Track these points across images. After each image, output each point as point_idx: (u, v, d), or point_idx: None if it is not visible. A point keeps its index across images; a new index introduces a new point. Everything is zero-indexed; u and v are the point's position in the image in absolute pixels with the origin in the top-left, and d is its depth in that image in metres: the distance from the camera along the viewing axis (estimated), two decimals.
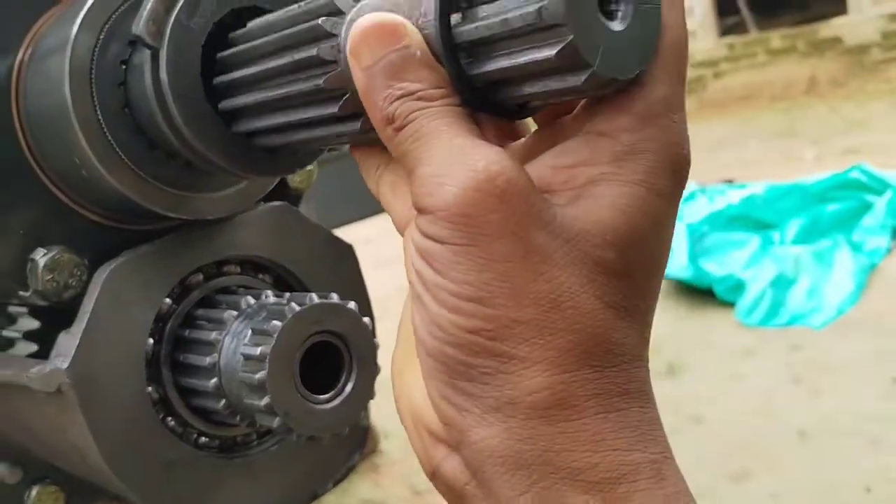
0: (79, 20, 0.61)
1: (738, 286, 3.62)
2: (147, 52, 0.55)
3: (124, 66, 0.60)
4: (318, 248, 0.73)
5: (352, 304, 0.64)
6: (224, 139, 0.55)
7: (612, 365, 0.33)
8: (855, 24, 9.49)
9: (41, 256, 0.65)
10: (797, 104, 8.52)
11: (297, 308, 0.61)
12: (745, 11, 10.71)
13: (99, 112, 0.60)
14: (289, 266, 0.72)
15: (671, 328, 3.43)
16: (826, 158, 5.93)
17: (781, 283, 3.61)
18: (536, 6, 0.33)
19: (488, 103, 0.38)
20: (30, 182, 0.66)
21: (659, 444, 0.34)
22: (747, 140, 7.09)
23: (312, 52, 0.43)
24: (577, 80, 0.34)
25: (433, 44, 0.36)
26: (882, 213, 3.94)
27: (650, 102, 0.34)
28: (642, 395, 0.34)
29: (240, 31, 0.53)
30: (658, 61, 0.35)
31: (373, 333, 0.65)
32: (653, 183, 0.34)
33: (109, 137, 0.60)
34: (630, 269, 0.34)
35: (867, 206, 4.05)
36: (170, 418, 0.69)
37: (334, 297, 0.63)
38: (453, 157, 0.33)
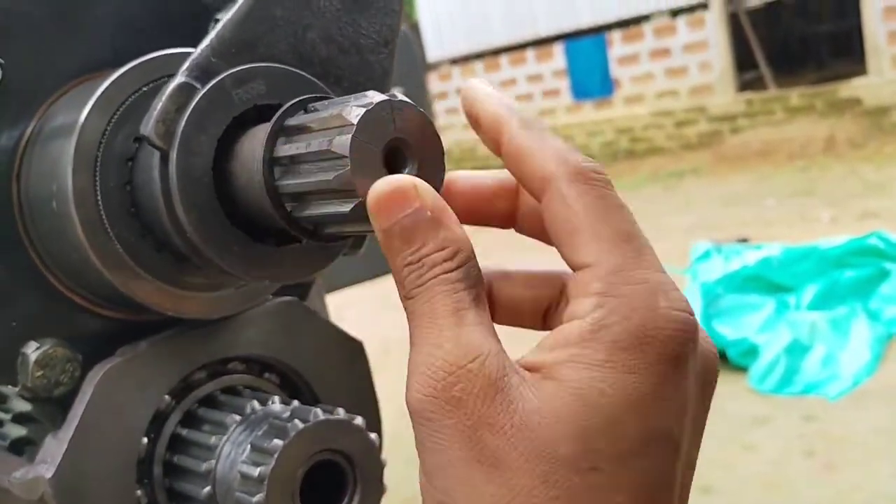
0: (89, 105, 0.58)
1: (752, 351, 3.57)
2: (156, 153, 0.52)
3: (130, 164, 0.57)
4: (327, 348, 0.69)
5: (359, 420, 0.59)
6: (236, 245, 0.52)
7: None
8: (875, 86, 9.50)
9: (33, 351, 0.61)
10: (815, 163, 8.49)
11: (301, 426, 0.56)
12: (763, 68, 10.75)
13: (102, 209, 0.56)
14: (295, 366, 0.68)
15: None
16: (843, 220, 5.89)
17: (796, 350, 3.55)
18: (333, 174, 0.42)
19: (317, 236, 0.49)
20: (24, 267, 0.63)
21: None
22: (764, 197, 7.05)
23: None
24: (369, 227, 0.41)
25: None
26: None
27: (603, 277, 0.33)
28: None
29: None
30: (590, 238, 0.35)
31: (380, 451, 0.61)
32: (617, 361, 0.32)
33: (112, 236, 0.57)
34: (596, 462, 0.31)
35: (885, 274, 4.00)
36: None
37: (340, 413, 0.59)
38: (428, 351, 0.34)
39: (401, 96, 0.47)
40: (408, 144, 0.46)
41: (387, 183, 0.38)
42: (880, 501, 2.63)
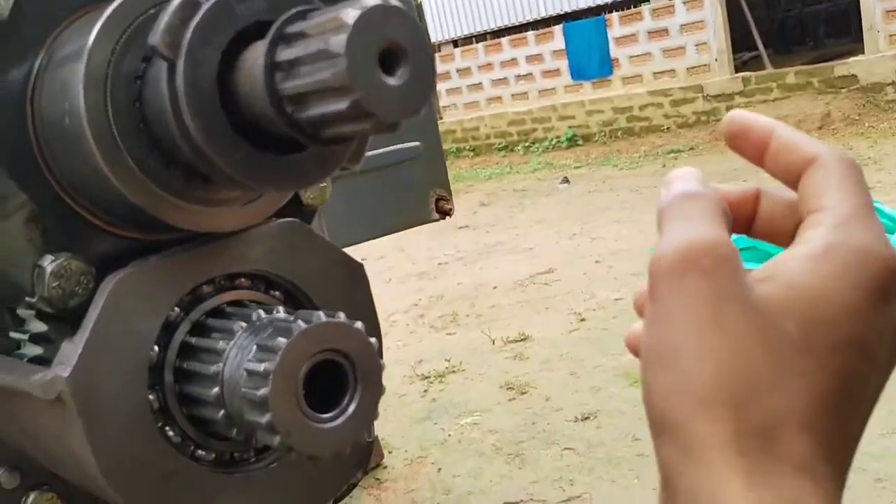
0: (97, 29, 0.61)
1: None
2: (163, 65, 0.55)
3: (139, 82, 0.60)
4: (329, 266, 0.73)
5: (359, 324, 0.63)
6: (240, 152, 0.55)
7: (763, 425, 0.35)
8: (870, 63, 9.51)
9: (49, 263, 0.65)
10: None
11: (304, 326, 0.60)
12: (761, 48, 10.75)
13: (113, 125, 0.60)
14: (299, 283, 0.71)
15: None
16: None
17: None
18: (330, 72, 0.46)
19: (316, 138, 0.52)
20: (41, 188, 0.66)
21: None
22: (760, 173, 7.07)
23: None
24: (366, 124, 0.48)
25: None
26: None
27: (838, 215, 0.39)
28: (799, 472, 0.35)
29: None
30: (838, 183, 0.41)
31: (379, 354, 0.65)
32: (842, 276, 0.37)
33: (124, 151, 0.60)
34: (812, 347, 0.37)
35: None
36: (168, 428, 0.69)
37: (341, 316, 0.63)
38: (685, 230, 0.39)
39: (395, 2, 0.50)
40: (401, 47, 0.50)
41: (681, 179, 0.43)
42: (871, 461, 2.68)
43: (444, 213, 2.11)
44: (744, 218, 0.46)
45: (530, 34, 12.48)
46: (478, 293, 5.38)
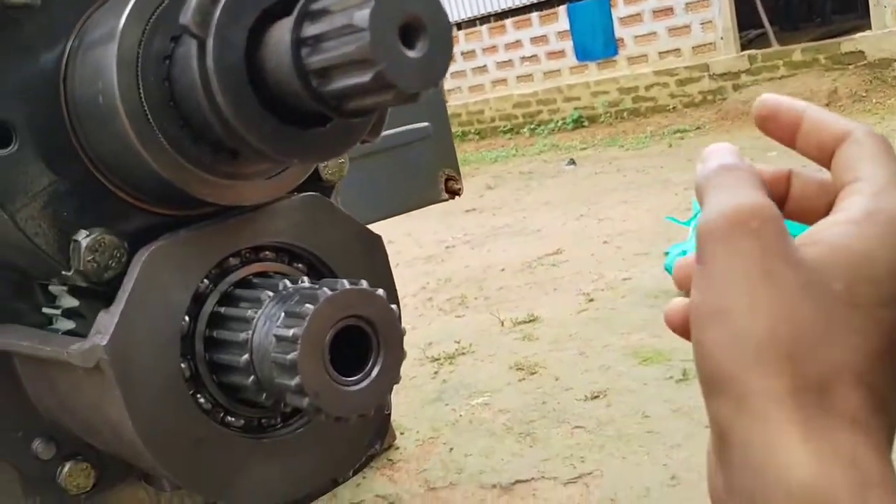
0: (127, 12, 0.64)
1: None
2: (193, 43, 0.58)
3: (167, 62, 0.63)
4: (349, 238, 0.75)
5: (380, 291, 0.66)
6: (268, 126, 0.58)
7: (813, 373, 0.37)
8: (878, 39, 9.45)
9: (84, 238, 0.68)
10: None
11: (329, 293, 0.63)
12: (767, 26, 10.68)
13: (145, 103, 0.62)
14: (320, 254, 0.74)
15: None
16: None
17: None
18: (355, 45, 0.49)
19: (340, 111, 0.55)
20: (75, 166, 0.69)
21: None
22: (767, 151, 7.06)
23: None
24: (388, 96, 0.50)
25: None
26: None
27: (874, 184, 0.41)
28: (854, 425, 0.36)
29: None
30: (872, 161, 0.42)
31: (399, 320, 0.68)
32: (885, 236, 0.39)
33: (155, 128, 0.63)
34: (858, 301, 0.38)
35: None
36: (199, 395, 0.72)
37: (364, 284, 0.66)
38: (732, 195, 0.40)
39: None
40: (421, 22, 0.52)
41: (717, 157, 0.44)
42: None
43: (454, 193, 2.13)
44: (776, 198, 0.47)
45: (534, 15, 12.43)
46: (486, 275, 5.41)
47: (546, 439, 2.98)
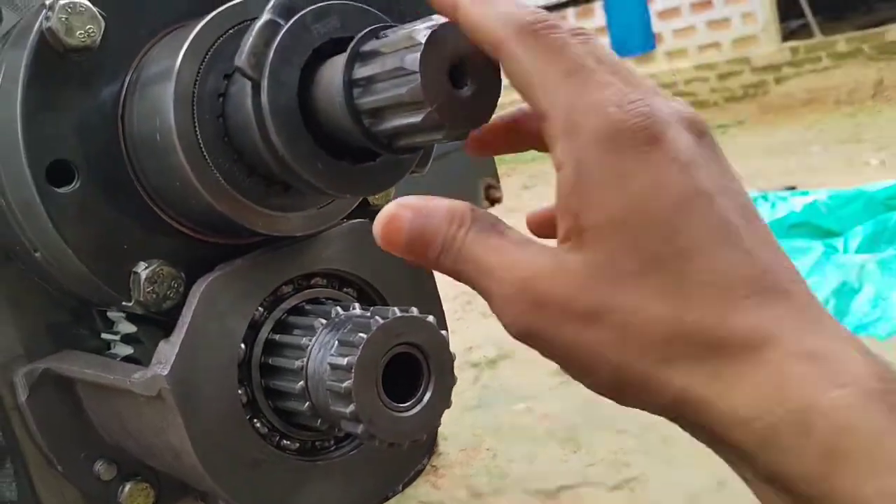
0: (183, 51, 0.66)
1: None
2: (247, 84, 0.60)
3: (221, 99, 0.64)
4: (397, 263, 0.77)
5: (430, 318, 0.67)
6: (320, 162, 0.59)
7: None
8: None
9: (143, 269, 0.70)
10: (863, 109, 8.32)
11: (381, 321, 0.64)
12: (809, 15, 10.48)
13: (200, 140, 0.64)
14: (370, 280, 0.76)
15: None
16: (892, 164, 5.78)
17: (845, 292, 3.55)
18: (406, 88, 0.50)
19: (391, 148, 0.56)
20: (134, 200, 0.71)
21: None
22: (810, 145, 6.95)
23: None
24: (438, 135, 0.51)
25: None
26: None
27: (559, 126, 0.40)
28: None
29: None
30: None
31: (448, 345, 0.69)
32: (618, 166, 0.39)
33: (210, 164, 0.65)
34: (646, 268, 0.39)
35: None
36: (256, 420, 0.74)
37: (414, 311, 0.67)
38: (501, 269, 0.42)
39: None
40: (468, 61, 0.53)
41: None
42: None
43: (494, 201, 2.14)
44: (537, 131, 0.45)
45: (570, 11, 12.36)
46: None
47: (589, 444, 2.97)
